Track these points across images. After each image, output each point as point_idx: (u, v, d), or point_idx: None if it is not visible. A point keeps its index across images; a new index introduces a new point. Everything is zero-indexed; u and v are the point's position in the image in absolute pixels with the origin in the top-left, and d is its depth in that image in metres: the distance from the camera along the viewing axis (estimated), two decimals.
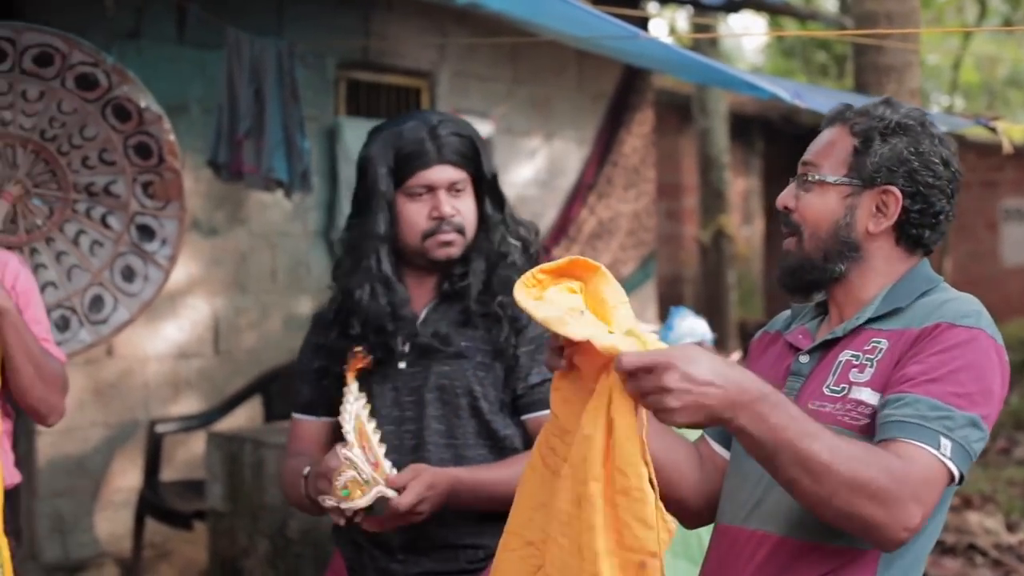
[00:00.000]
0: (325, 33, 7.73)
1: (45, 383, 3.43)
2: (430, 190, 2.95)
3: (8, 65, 3.70)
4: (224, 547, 5.79)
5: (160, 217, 3.98)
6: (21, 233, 3.93)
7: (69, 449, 6.88)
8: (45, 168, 3.89)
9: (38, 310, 3.53)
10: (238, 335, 7.56)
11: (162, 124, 3.84)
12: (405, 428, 2.98)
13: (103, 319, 4.05)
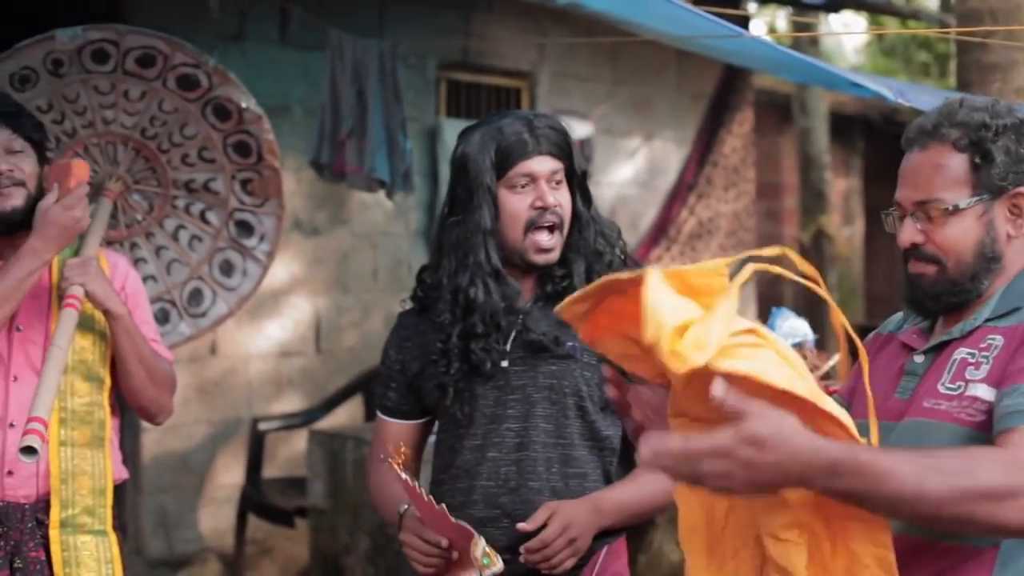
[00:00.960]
0: (426, 34, 7.77)
1: (155, 384, 3.49)
2: (532, 180, 2.91)
3: (111, 66, 3.74)
4: (325, 544, 5.84)
5: (259, 214, 4.02)
6: (122, 228, 3.99)
7: (173, 446, 6.98)
8: (145, 165, 3.93)
9: (146, 311, 3.59)
10: (339, 334, 7.62)
11: (262, 123, 3.87)
12: (507, 427, 2.95)
13: (202, 312, 4.09)
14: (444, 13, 7.98)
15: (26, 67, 3.78)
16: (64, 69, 3.79)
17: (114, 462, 3.50)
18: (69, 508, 3.36)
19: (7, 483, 3.32)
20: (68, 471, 3.36)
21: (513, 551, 2.88)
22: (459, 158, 2.98)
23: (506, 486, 2.93)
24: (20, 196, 3.35)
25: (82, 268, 3.35)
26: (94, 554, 3.39)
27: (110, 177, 3.90)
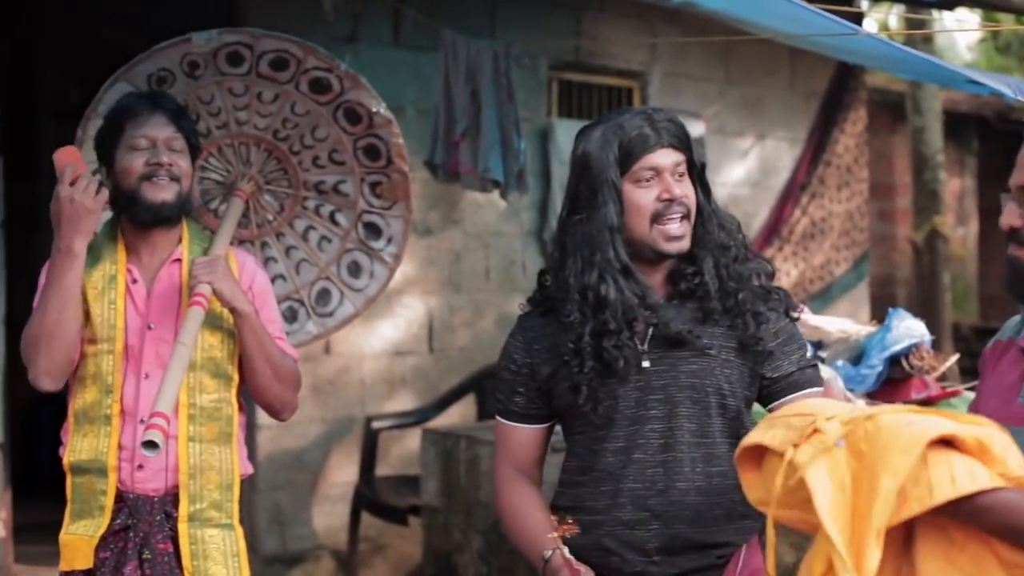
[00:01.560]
0: (537, 34, 7.78)
1: (280, 381, 3.54)
2: (656, 174, 2.88)
3: (245, 68, 3.79)
4: (438, 542, 5.87)
5: (387, 216, 4.04)
6: (253, 227, 4.04)
7: (288, 444, 7.05)
8: (277, 166, 3.98)
9: (273, 310, 3.64)
10: (452, 333, 7.65)
11: (391, 128, 3.90)
12: (651, 428, 2.90)
13: (329, 312, 4.13)
14: (555, 13, 7.99)
15: (163, 68, 3.84)
16: (200, 71, 3.84)
17: (240, 457, 3.56)
18: (197, 502, 3.42)
19: (137, 476, 3.40)
20: (196, 466, 3.43)
21: (663, 552, 2.88)
22: (581, 156, 2.94)
23: (654, 488, 2.88)
24: (172, 191, 3.43)
25: (209, 267, 3.40)
26: (221, 547, 3.45)
27: (242, 177, 3.95)
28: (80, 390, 3.46)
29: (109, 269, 3.47)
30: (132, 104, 3.52)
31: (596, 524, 2.86)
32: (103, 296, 3.43)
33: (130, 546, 3.39)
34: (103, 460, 3.40)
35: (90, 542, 3.40)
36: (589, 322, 2.85)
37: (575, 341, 2.86)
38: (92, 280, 3.45)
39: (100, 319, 3.43)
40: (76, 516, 3.46)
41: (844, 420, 1.96)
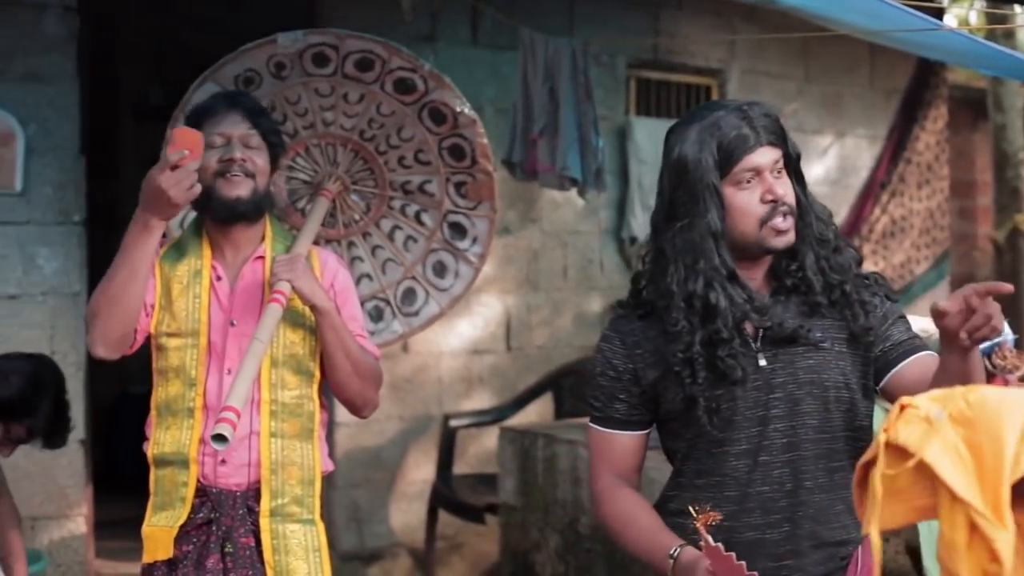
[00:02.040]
0: (615, 32, 7.76)
1: (361, 378, 3.55)
2: (757, 174, 2.79)
3: (331, 69, 3.80)
4: (515, 541, 5.87)
5: (472, 216, 4.05)
6: (340, 227, 4.07)
7: (366, 442, 7.08)
8: (363, 166, 3.99)
9: (354, 307, 3.65)
10: (529, 332, 7.66)
11: (475, 128, 3.90)
12: (773, 427, 2.82)
13: (414, 311, 4.14)
14: (633, 11, 7.97)
15: (250, 69, 3.87)
16: (286, 72, 3.86)
17: (322, 455, 3.58)
18: (279, 497, 3.45)
19: (220, 471, 3.43)
20: (278, 462, 3.45)
21: (792, 556, 2.82)
22: (678, 160, 2.83)
23: (782, 489, 2.82)
24: (247, 187, 3.45)
25: (289, 265, 3.41)
26: (302, 542, 3.48)
27: (329, 177, 3.98)
28: (163, 383, 3.51)
29: (194, 264, 3.51)
30: (210, 103, 3.56)
31: (721, 530, 2.73)
32: (188, 291, 3.47)
33: (212, 539, 3.43)
34: (185, 453, 3.43)
35: (170, 533, 3.44)
36: (698, 331, 2.78)
37: (684, 351, 2.78)
38: (177, 275, 3.48)
39: (184, 313, 3.47)
40: (158, 508, 3.50)
41: (933, 396, 1.94)
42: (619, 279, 7.95)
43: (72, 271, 6.36)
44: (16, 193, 6.22)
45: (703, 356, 2.77)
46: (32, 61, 6.29)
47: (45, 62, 6.32)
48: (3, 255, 6.21)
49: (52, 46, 6.33)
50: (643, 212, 7.88)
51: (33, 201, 6.27)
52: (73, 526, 6.44)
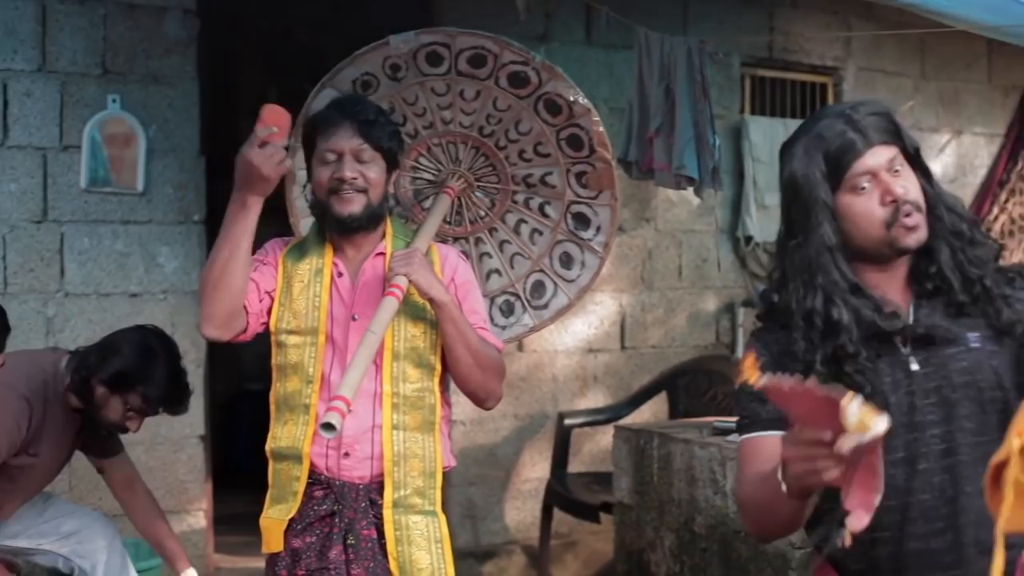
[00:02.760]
0: (729, 30, 7.73)
1: (483, 370, 3.57)
2: (872, 176, 2.70)
3: (445, 67, 3.82)
4: (630, 539, 5.85)
5: (594, 205, 4.04)
6: (466, 224, 4.09)
7: (481, 439, 7.10)
8: (485, 162, 4.01)
9: (475, 301, 3.67)
10: (644, 331, 7.64)
11: (591, 116, 3.89)
12: (931, 433, 2.71)
13: (544, 304, 4.15)
14: (748, 9, 7.93)
15: (367, 73, 3.90)
16: (402, 73, 3.89)
17: (444, 450, 3.60)
18: (401, 489, 3.47)
19: (343, 464, 3.48)
20: (400, 454, 3.48)
21: (957, 565, 2.70)
22: (788, 178, 2.76)
23: (943, 496, 2.70)
24: (359, 203, 3.48)
25: (406, 259, 3.44)
26: (424, 533, 3.50)
27: (452, 175, 4.00)
28: (282, 379, 3.56)
29: (315, 263, 3.55)
30: (321, 116, 3.60)
31: (883, 541, 2.69)
32: (308, 289, 3.51)
33: (335, 531, 3.46)
34: (299, 448, 3.48)
35: (281, 526, 3.50)
36: (819, 349, 2.69)
37: (803, 371, 2.67)
38: (299, 272, 3.53)
39: (304, 311, 3.51)
40: (274, 501, 3.56)
41: None
42: (734, 278, 7.92)
43: (192, 270, 6.47)
44: (138, 193, 6.34)
45: (823, 376, 2.66)
46: (153, 63, 6.40)
47: (166, 64, 6.43)
48: (125, 254, 6.32)
49: (173, 48, 6.44)
50: (758, 211, 7.85)
51: (154, 201, 6.39)
52: (193, 520, 6.54)
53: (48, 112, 6.21)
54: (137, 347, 4.51)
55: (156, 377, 4.49)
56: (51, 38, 6.21)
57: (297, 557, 3.49)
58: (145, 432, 5.95)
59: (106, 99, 6.29)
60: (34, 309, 6.14)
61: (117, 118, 6.28)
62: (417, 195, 4.08)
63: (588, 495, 6.62)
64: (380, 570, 3.45)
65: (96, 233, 6.28)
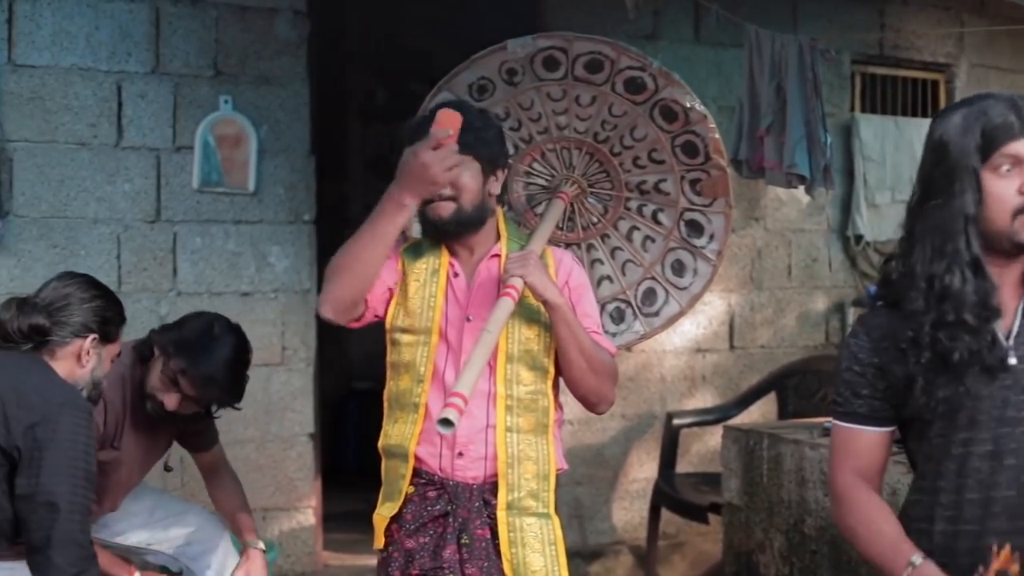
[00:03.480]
0: (839, 28, 7.66)
1: (596, 374, 3.55)
2: (1016, 163, 2.72)
3: (561, 72, 3.80)
4: (739, 541, 5.82)
5: (708, 213, 4.00)
6: (578, 231, 4.07)
7: (589, 439, 7.10)
8: (599, 168, 3.99)
9: (589, 305, 3.66)
10: (753, 331, 7.60)
11: (707, 123, 3.86)
12: (1021, 430, 2.72)
13: (655, 311, 4.12)
14: (858, 6, 7.85)
15: (483, 77, 3.90)
16: (518, 78, 3.88)
17: (556, 452, 3.60)
18: (515, 491, 3.47)
19: (457, 464, 3.47)
20: (514, 456, 3.47)
21: None
22: (938, 141, 2.78)
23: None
24: (448, 209, 3.46)
25: (521, 261, 3.43)
26: (538, 536, 3.49)
27: (565, 181, 3.99)
28: (395, 377, 3.57)
29: (432, 263, 3.55)
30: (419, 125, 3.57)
31: (964, 535, 2.72)
32: (424, 288, 3.52)
33: (449, 531, 3.46)
34: (406, 446, 3.49)
35: (385, 522, 3.51)
36: (932, 312, 2.71)
37: (915, 330, 2.73)
38: (415, 271, 3.54)
39: (418, 310, 3.52)
40: (385, 498, 3.57)
41: None
42: (844, 278, 7.85)
43: (302, 269, 6.53)
44: (249, 193, 6.41)
45: (930, 337, 2.70)
46: (264, 64, 6.47)
47: (276, 65, 6.49)
48: (237, 253, 6.40)
49: (283, 50, 6.50)
50: (868, 210, 7.78)
51: (265, 201, 6.45)
52: (302, 518, 6.60)
53: (161, 113, 6.29)
54: (200, 325, 4.48)
55: (204, 356, 4.37)
56: (164, 40, 6.30)
57: (411, 557, 3.50)
58: (256, 430, 6.05)
59: (218, 100, 6.37)
60: (147, 308, 6.23)
61: (229, 119, 6.36)
62: (530, 200, 4.07)
63: (696, 496, 6.59)
64: (494, 570, 3.45)
65: (208, 233, 6.36)
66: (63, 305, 3.77)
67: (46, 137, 6.09)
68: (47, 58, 6.11)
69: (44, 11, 6.08)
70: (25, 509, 3.47)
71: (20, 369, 3.61)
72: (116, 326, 3.88)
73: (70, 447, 3.51)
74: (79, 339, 3.77)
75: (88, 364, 3.81)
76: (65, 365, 3.74)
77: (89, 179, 6.16)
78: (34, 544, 3.48)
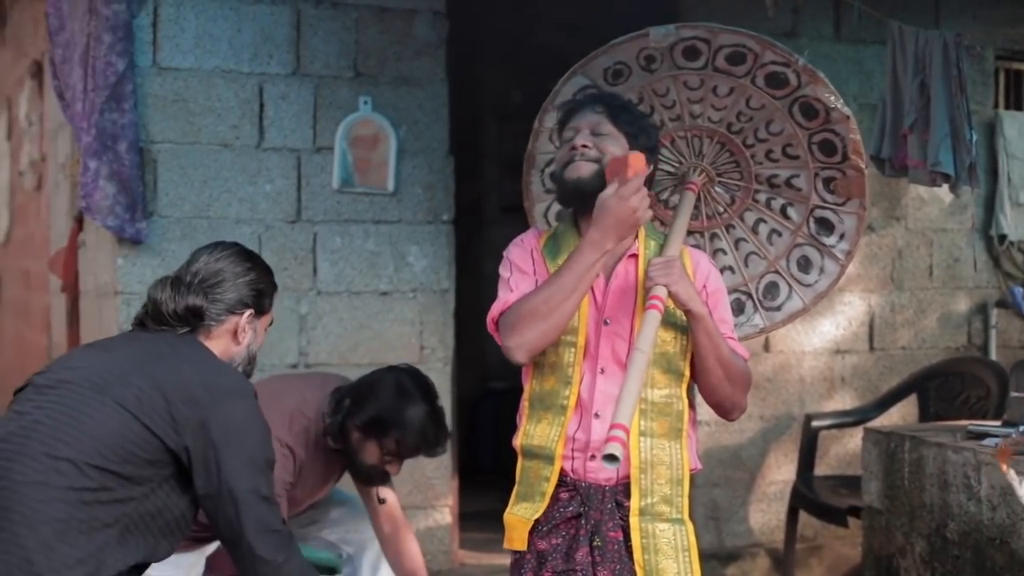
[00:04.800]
0: (983, 23, 7.52)
1: (731, 382, 3.53)
2: None
3: (702, 63, 3.79)
4: (879, 545, 5.73)
5: (840, 212, 3.95)
6: (703, 219, 4.06)
7: (725, 440, 7.05)
8: (729, 159, 3.97)
9: (725, 309, 3.63)
10: (893, 332, 7.49)
11: (848, 124, 3.81)
12: None
13: (776, 306, 4.08)
14: (1002, 2, 7.69)
15: (620, 62, 3.89)
16: (656, 65, 3.87)
17: (690, 453, 3.57)
18: (648, 497, 3.44)
19: (590, 466, 3.44)
20: (647, 461, 3.45)
21: None
22: None
23: None
24: (588, 169, 3.46)
25: (665, 268, 3.40)
26: (671, 542, 3.46)
27: (693, 170, 3.98)
28: (539, 377, 3.55)
29: None
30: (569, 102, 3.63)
31: None
32: None
33: (582, 533, 3.45)
34: (552, 448, 3.47)
35: (527, 525, 3.49)
36: None
37: None
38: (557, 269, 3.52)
39: None
40: (520, 498, 3.55)
41: None
42: (987, 278, 7.72)
43: (441, 268, 6.57)
44: (388, 193, 6.47)
45: None
46: (404, 65, 6.53)
47: (416, 66, 6.55)
48: (376, 253, 6.46)
49: (423, 50, 6.55)
50: (1013, 209, 7.65)
51: (404, 200, 6.51)
52: (439, 517, 6.64)
53: (302, 114, 6.38)
54: (392, 391, 4.54)
55: (411, 421, 4.52)
56: (305, 42, 6.38)
57: (543, 559, 3.49)
58: None
59: (358, 101, 6.44)
60: (288, 307, 6.31)
61: (364, 120, 6.42)
62: (656, 186, 4.03)
63: (835, 499, 6.51)
64: (627, 573, 3.43)
65: (348, 232, 6.43)
66: (217, 282, 3.58)
67: (189, 139, 6.20)
68: (191, 61, 6.22)
69: (188, 15, 6.20)
70: (211, 507, 3.35)
71: (179, 359, 3.42)
72: (270, 297, 3.73)
73: (246, 439, 3.38)
74: (235, 316, 3.58)
75: (244, 340, 3.63)
76: (221, 343, 3.59)
77: (231, 180, 6.26)
78: (230, 539, 3.39)
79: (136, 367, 3.35)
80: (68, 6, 6.42)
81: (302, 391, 4.70)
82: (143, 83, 6.11)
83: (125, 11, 5.99)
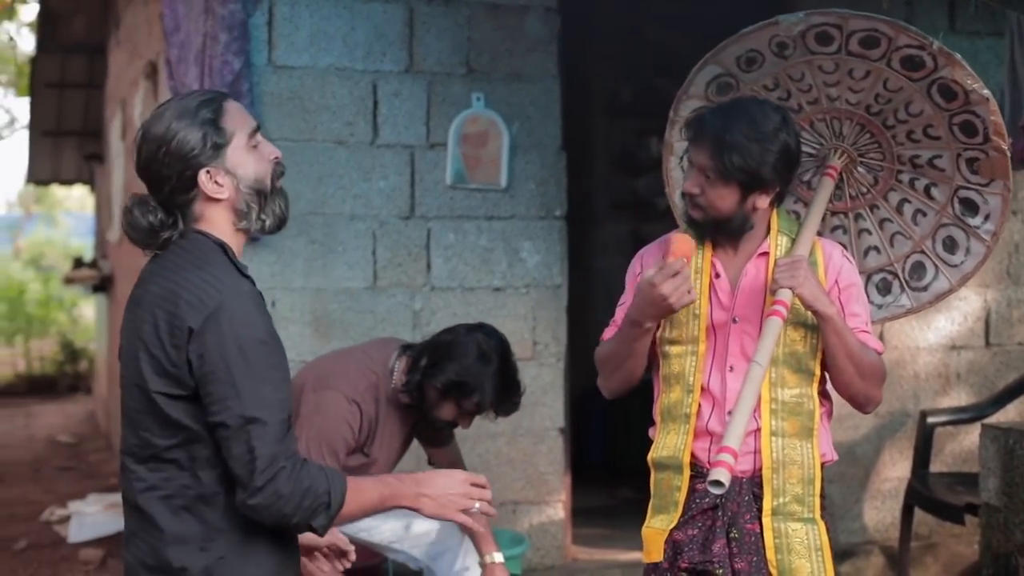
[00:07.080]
0: None
1: (863, 377, 3.52)
2: None
3: (835, 47, 3.78)
4: (997, 542, 5.67)
5: (984, 193, 3.93)
6: (846, 200, 4.05)
7: (840, 437, 6.98)
8: (870, 140, 3.95)
9: (857, 303, 3.61)
10: (1010, 328, 7.39)
11: (989, 106, 3.77)
12: None
13: (923, 286, 4.08)
14: None
15: (752, 50, 3.89)
16: (788, 51, 3.86)
17: (825, 445, 3.57)
18: (780, 496, 3.46)
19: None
20: (779, 460, 3.46)
21: None
22: None
23: None
24: (699, 215, 3.52)
25: (790, 270, 3.40)
26: (804, 541, 3.47)
27: (834, 151, 3.96)
28: (666, 389, 3.59)
29: (695, 261, 3.54)
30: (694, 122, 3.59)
31: None
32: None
33: (718, 524, 3.46)
34: (679, 458, 3.51)
35: (662, 535, 3.52)
36: None
37: None
38: None
39: (684, 319, 3.54)
40: (656, 511, 3.59)
41: None
42: None
43: (553, 264, 6.58)
44: (501, 189, 6.49)
45: None
46: (516, 61, 6.54)
47: (528, 62, 6.56)
48: (489, 248, 6.48)
49: (534, 46, 6.57)
50: None
51: (517, 196, 6.52)
52: (552, 512, 6.64)
53: (415, 111, 6.41)
54: (471, 353, 4.61)
55: (492, 384, 4.62)
56: (418, 39, 6.41)
57: (679, 550, 3.51)
58: (507, 424, 6.10)
59: (470, 97, 6.46)
60: (402, 303, 6.35)
61: (474, 116, 6.44)
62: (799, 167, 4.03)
63: (952, 496, 6.44)
64: (763, 565, 3.44)
65: (461, 229, 6.45)
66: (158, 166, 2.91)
67: (304, 136, 6.25)
68: (305, 59, 6.27)
69: (303, 13, 6.25)
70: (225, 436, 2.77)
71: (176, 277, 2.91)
72: (216, 138, 2.94)
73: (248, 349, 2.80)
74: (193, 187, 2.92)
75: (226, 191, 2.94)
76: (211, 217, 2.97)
77: (346, 176, 6.30)
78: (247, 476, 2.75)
79: None
80: (183, 7, 6.49)
81: (367, 351, 4.83)
82: (259, 81, 6.16)
83: (241, 10, 6.05)
